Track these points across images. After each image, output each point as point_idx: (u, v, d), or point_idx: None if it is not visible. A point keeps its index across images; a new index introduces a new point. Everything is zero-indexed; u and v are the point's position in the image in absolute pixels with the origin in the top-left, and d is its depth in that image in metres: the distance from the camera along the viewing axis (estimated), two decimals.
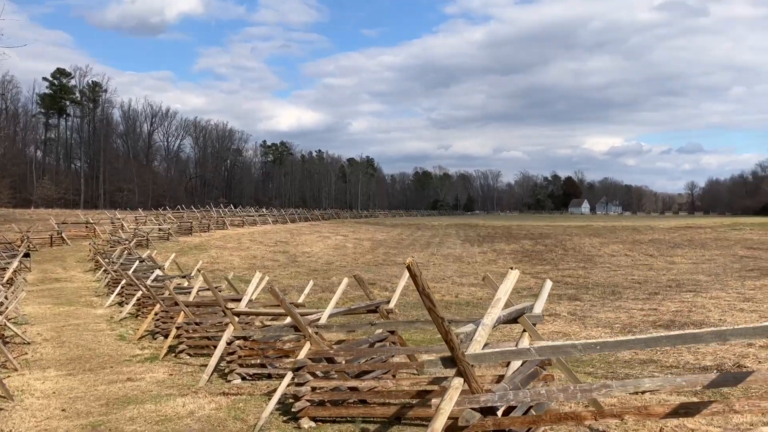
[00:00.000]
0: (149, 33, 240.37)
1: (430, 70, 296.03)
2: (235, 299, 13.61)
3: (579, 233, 56.01)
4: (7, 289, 19.02)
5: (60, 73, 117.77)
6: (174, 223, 59.33)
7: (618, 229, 59.65)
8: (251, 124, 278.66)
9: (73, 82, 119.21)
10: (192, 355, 13.91)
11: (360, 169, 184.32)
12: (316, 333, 9.18)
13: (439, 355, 5.89)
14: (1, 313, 14.56)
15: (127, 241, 40.57)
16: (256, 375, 11.42)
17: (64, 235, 51.89)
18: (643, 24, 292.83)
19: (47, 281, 32.24)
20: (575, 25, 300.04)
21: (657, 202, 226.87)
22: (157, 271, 22.09)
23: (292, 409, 8.50)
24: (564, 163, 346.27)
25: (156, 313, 16.52)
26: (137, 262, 27.08)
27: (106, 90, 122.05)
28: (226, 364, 11.63)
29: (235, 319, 11.93)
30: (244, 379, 11.36)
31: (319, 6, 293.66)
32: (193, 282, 19.22)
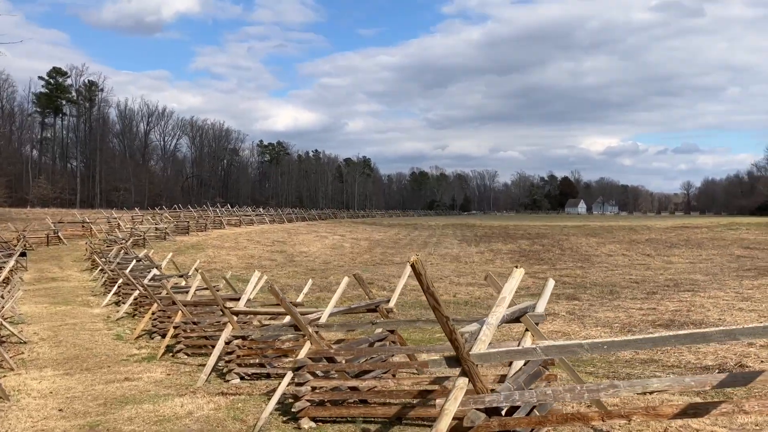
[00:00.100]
0: (146, 32, 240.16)
1: (427, 70, 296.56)
2: (233, 298, 13.53)
3: (576, 233, 56.05)
4: (4, 289, 18.91)
5: (56, 72, 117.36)
6: (171, 223, 59.17)
7: (615, 229, 59.71)
8: (248, 124, 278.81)
9: (69, 81, 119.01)
10: (190, 355, 13.84)
11: (357, 169, 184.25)
12: (316, 332, 9.11)
13: (443, 354, 5.82)
14: None
15: (124, 241, 40.45)
16: (255, 375, 11.35)
17: (60, 234, 51.73)
18: (640, 24, 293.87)
19: (44, 280, 32.12)
20: (572, 26, 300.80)
21: (653, 202, 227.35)
22: (155, 271, 21.97)
23: (292, 410, 8.43)
24: (560, 163, 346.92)
25: (153, 313, 16.43)
26: (134, 261, 26.94)
27: (102, 89, 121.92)
28: (224, 364, 11.55)
29: (234, 318, 11.86)
30: (242, 378, 11.28)
31: (316, 6, 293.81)
32: (191, 281, 19.15)
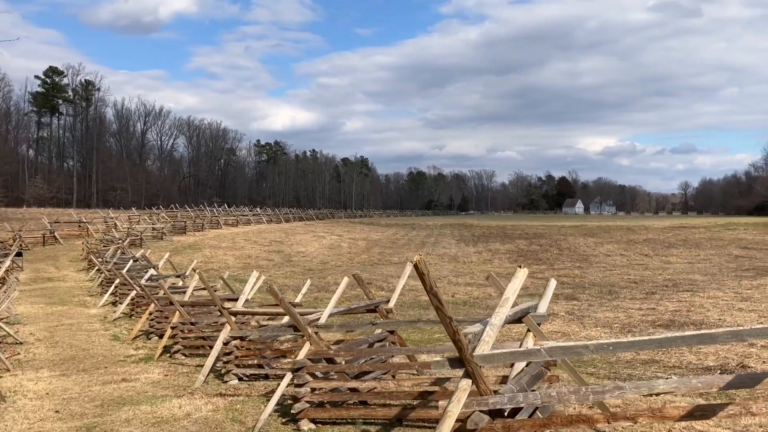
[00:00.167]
0: (142, 32, 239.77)
1: (425, 70, 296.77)
2: (231, 299, 13.45)
3: (573, 233, 56.04)
4: (0, 289, 18.79)
5: (52, 71, 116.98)
6: (168, 223, 59.00)
7: (612, 228, 59.74)
8: (245, 124, 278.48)
9: (65, 81, 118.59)
10: (187, 356, 13.75)
11: (354, 169, 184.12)
12: (316, 333, 9.04)
13: (445, 355, 5.75)
14: None
15: (121, 241, 40.30)
16: (253, 375, 11.26)
17: (56, 234, 51.53)
18: (637, 25, 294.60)
19: (40, 280, 31.97)
20: (570, 26, 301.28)
21: (650, 202, 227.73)
22: (152, 271, 21.88)
23: (291, 411, 8.35)
24: (558, 164, 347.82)
25: (150, 313, 16.34)
26: (131, 261, 26.84)
27: (99, 89, 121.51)
28: (222, 365, 11.46)
29: (232, 319, 11.78)
30: (240, 379, 11.19)
31: (314, 5, 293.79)
32: (188, 281, 19.07)
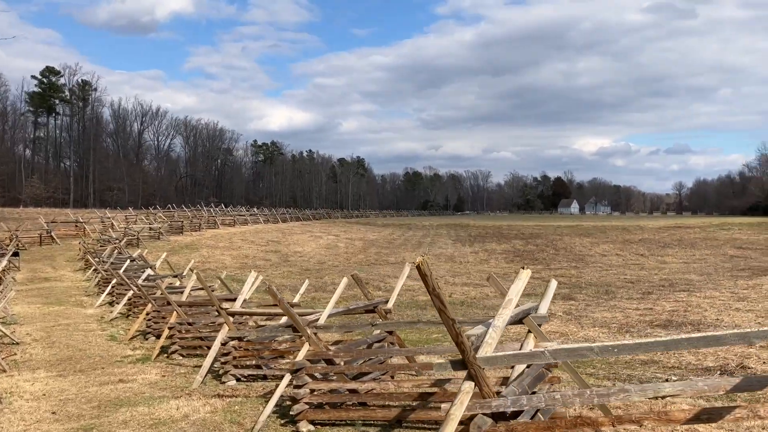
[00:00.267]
0: (139, 32, 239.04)
1: (421, 70, 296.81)
2: (228, 299, 13.37)
3: (569, 233, 56.11)
4: None
5: (49, 71, 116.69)
6: (165, 223, 58.88)
7: (608, 229, 59.84)
8: (242, 124, 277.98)
9: (62, 81, 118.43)
10: (185, 356, 13.68)
11: (350, 169, 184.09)
12: (315, 334, 8.98)
13: (448, 357, 5.71)
14: None
15: (118, 240, 40.17)
16: (252, 376, 11.20)
17: (53, 234, 51.36)
18: (632, 25, 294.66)
19: (36, 280, 31.85)
20: (565, 27, 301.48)
21: (645, 203, 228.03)
22: (149, 271, 21.80)
23: (290, 412, 8.29)
24: (553, 164, 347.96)
25: (147, 313, 16.26)
26: (128, 261, 26.77)
27: (95, 89, 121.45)
28: (220, 365, 11.38)
29: (231, 319, 11.72)
30: (238, 380, 11.13)
31: (310, 6, 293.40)
32: (185, 281, 18.96)
